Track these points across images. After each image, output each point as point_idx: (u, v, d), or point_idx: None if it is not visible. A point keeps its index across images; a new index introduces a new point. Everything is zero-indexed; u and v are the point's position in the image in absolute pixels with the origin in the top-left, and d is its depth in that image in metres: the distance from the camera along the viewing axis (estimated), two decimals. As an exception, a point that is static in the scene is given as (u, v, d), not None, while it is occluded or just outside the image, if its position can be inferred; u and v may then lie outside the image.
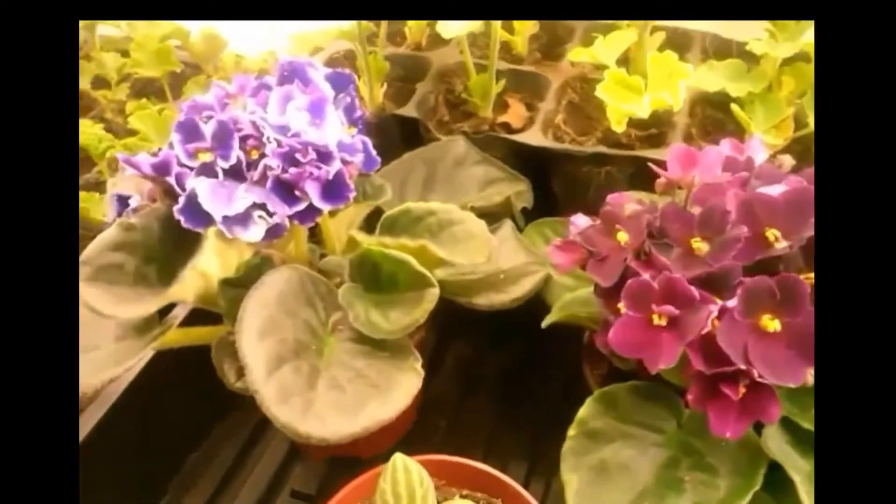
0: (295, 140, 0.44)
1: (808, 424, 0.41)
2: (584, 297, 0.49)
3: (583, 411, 0.43)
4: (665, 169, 0.45)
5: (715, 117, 0.61)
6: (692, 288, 0.38)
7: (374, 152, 0.52)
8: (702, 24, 0.71)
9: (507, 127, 0.64)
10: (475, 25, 0.53)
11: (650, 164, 0.45)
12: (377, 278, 0.46)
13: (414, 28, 0.73)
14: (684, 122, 0.60)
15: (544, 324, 0.49)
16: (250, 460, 0.60)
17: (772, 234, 0.40)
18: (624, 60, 0.62)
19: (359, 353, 0.43)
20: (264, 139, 0.44)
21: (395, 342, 0.44)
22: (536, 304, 0.53)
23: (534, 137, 0.60)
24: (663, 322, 0.38)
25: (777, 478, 0.40)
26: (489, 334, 0.70)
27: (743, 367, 0.36)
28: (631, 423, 0.43)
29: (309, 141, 0.44)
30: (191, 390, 0.55)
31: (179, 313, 0.55)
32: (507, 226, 0.55)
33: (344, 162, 0.46)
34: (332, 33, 0.65)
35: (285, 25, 0.73)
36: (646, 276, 0.39)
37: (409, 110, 0.64)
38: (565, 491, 0.41)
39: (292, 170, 0.44)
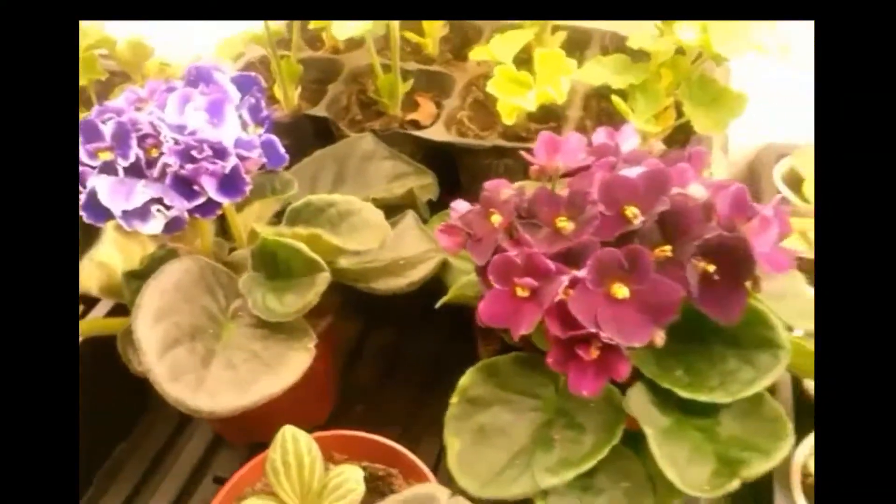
0: (191, 138, 0.47)
1: (668, 385, 0.44)
2: (474, 279, 0.52)
3: (464, 380, 0.46)
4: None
5: (608, 109, 0.65)
6: (548, 261, 0.41)
7: (281, 150, 0.55)
8: (603, 22, 0.75)
9: (416, 124, 0.68)
10: (368, 26, 0.56)
11: (522, 153, 0.48)
12: (276, 266, 0.49)
13: (330, 32, 0.76)
14: (578, 115, 0.64)
15: (438, 304, 0.52)
16: (175, 449, 0.63)
17: (630, 211, 0.44)
18: (528, 59, 0.66)
19: (256, 336, 0.46)
20: (162, 138, 0.47)
21: (292, 325, 0.47)
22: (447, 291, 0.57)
23: (437, 133, 0.64)
24: (526, 293, 0.42)
25: (641, 434, 0.44)
26: (410, 323, 0.73)
27: (594, 330, 0.40)
28: (510, 391, 0.47)
29: (204, 138, 0.47)
30: (118, 382, 0.57)
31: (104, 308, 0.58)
32: (410, 216, 0.58)
33: (241, 158, 0.49)
34: (244, 38, 0.68)
35: (214, 33, 0.76)
36: (510, 252, 0.43)
37: (321, 110, 0.67)
38: (448, 454, 0.44)
39: (189, 166, 0.47)
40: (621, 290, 0.41)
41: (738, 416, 0.44)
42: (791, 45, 0.56)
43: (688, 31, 0.53)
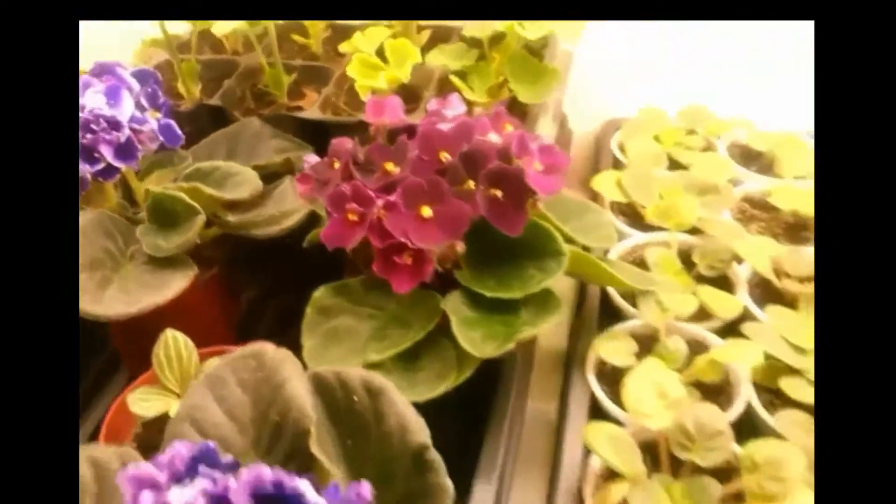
0: (90, 114, 0.58)
1: (479, 289, 0.56)
2: (335, 223, 0.64)
3: (316, 294, 0.58)
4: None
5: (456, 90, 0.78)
6: (369, 191, 0.53)
7: (178, 131, 0.67)
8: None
9: (300, 110, 0.80)
10: (245, 25, 0.68)
11: (362, 118, 0.61)
12: (165, 217, 0.60)
13: (231, 38, 0.88)
14: (431, 95, 0.77)
15: (305, 244, 0.64)
16: (99, 393, 0.73)
17: (443, 155, 0.56)
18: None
19: (148, 270, 0.57)
20: (66, 114, 0.58)
21: (177, 260, 0.58)
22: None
23: (312, 113, 0.76)
24: (355, 218, 0.54)
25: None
26: (307, 284, 0.84)
27: (404, 241, 0.52)
28: (357, 304, 0.58)
29: (101, 114, 0.58)
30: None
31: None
32: (288, 180, 0.70)
33: (134, 131, 0.60)
34: (151, 43, 0.80)
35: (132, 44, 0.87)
36: (343, 186, 0.55)
37: (216, 100, 0.78)
38: (303, 351, 0.55)
39: (89, 136, 0.58)
40: (426, 211, 0.53)
41: (532, 308, 0.56)
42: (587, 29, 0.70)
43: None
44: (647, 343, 0.62)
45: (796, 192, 0.75)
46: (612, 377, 0.62)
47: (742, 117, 0.87)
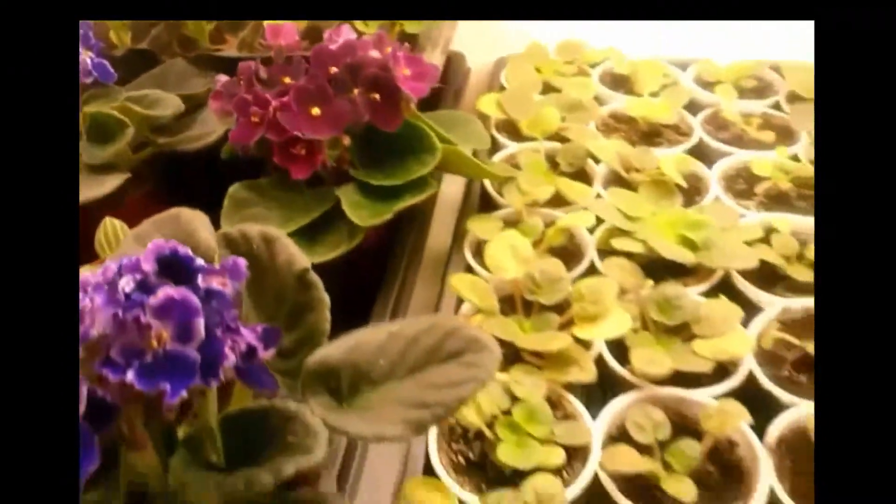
0: (30, 46, 0.69)
1: (367, 180, 0.69)
2: (249, 138, 0.76)
3: (231, 189, 0.69)
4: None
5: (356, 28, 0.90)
6: (266, 95, 0.65)
7: (111, 69, 0.78)
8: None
9: (221, 51, 0.91)
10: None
11: (271, 55, 0.72)
12: (103, 136, 0.71)
13: (158, -6, 0.98)
14: (335, 33, 0.88)
15: (223, 155, 0.75)
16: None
17: (332, 69, 0.68)
18: None
19: (90, 176, 0.68)
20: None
21: (113, 166, 0.69)
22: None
23: (230, 53, 0.87)
24: (256, 119, 0.65)
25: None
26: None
27: (297, 134, 0.64)
28: (267, 198, 0.70)
29: (40, 46, 0.69)
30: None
31: None
32: (208, 108, 0.81)
33: (70, 61, 0.71)
34: (83, -3, 0.90)
35: None
36: (246, 95, 0.66)
37: (144, 45, 0.89)
38: (222, 235, 0.67)
39: (30, 65, 0.68)
40: (315, 110, 0.65)
41: (411, 192, 0.69)
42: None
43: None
44: (513, 224, 0.75)
45: (649, 105, 0.88)
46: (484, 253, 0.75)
47: (612, 48, 1.00)
